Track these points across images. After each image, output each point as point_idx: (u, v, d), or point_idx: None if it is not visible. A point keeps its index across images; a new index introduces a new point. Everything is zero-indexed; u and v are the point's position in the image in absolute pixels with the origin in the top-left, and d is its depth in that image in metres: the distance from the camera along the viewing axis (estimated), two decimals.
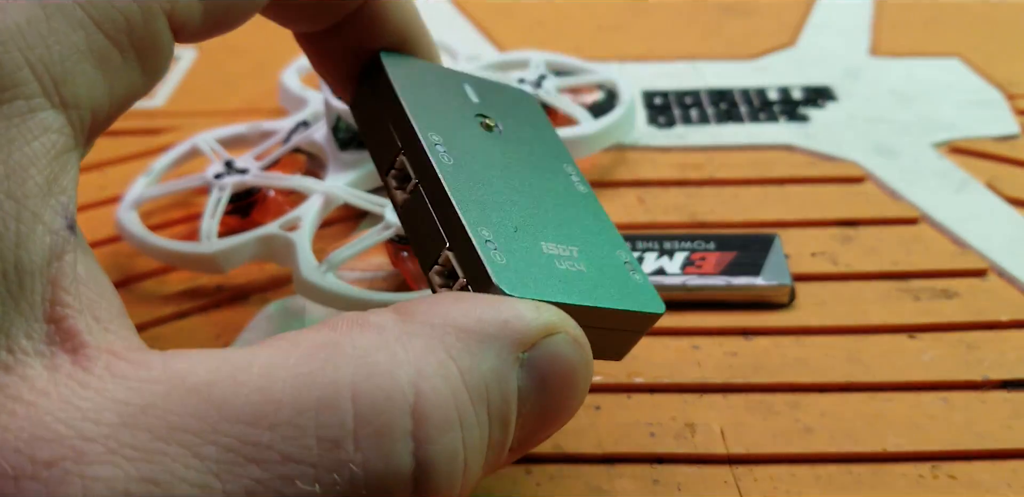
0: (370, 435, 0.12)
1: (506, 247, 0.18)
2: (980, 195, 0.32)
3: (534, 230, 0.19)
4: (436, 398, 0.13)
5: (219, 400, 0.12)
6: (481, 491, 0.22)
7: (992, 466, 0.22)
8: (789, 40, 0.43)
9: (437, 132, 0.19)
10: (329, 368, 0.12)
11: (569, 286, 0.18)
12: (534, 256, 0.18)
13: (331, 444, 0.12)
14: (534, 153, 0.21)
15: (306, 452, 0.12)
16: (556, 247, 0.19)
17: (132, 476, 0.11)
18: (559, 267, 0.18)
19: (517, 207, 0.19)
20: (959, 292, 0.27)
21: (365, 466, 0.12)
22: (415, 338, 0.13)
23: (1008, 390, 0.24)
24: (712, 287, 0.27)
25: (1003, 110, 0.36)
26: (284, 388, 0.12)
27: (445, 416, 0.13)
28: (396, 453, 0.12)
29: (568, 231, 0.20)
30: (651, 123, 0.36)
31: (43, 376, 0.11)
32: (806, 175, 0.33)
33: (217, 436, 0.12)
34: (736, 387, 0.24)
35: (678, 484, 0.22)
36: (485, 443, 0.14)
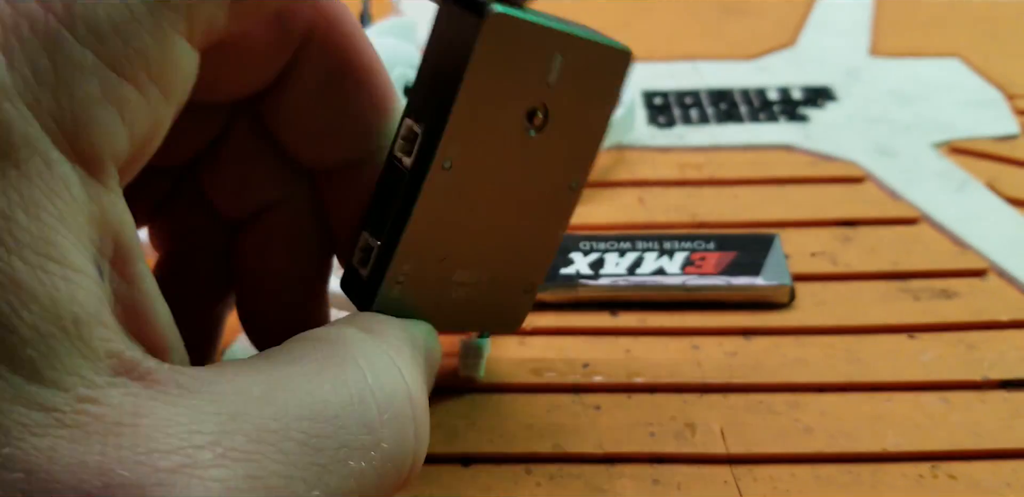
0: (390, 420, 0.15)
1: (413, 279, 0.19)
2: (980, 195, 0.32)
3: (459, 259, 0.20)
4: (418, 389, 0.17)
5: (283, 404, 0.14)
6: (481, 491, 0.22)
7: (992, 466, 0.22)
8: (789, 40, 0.43)
9: (463, 141, 0.18)
10: (349, 371, 0.15)
11: (439, 313, 0.20)
12: (433, 287, 0.19)
13: (367, 429, 0.15)
14: (554, 161, 0.20)
15: (352, 438, 0.15)
16: (467, 274, 0.20)
17: (239, 475, 0.13)
18: (452, 295, 0.20)
19: (467, 233, 0.19)
20: (959, 292, 0.27)
21: (390, 444, 0.15)
22: (390, 348, 0.17)
23: (1008, 390, 0.24)
24: (712, 287, 0.27)
25: (1003, 110, 0.36)
26: (326, 389, 0.15)
27: (424, 404, 0.17)
28: (406, 432, 0.16)
29: (497, 259, 0.20)
30: (651, 123, 0.36)
31: (128, 402, 0.13)
32: (806, 175, 0.33)
33: (292, 432, 0.14)
34: (736, 387, 0.24)
35: (678, 484, 0.22)
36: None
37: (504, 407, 0.24)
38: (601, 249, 0.28)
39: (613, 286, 0.27)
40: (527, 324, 0.26)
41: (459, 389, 0.25)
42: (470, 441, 0.23)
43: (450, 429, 0.23)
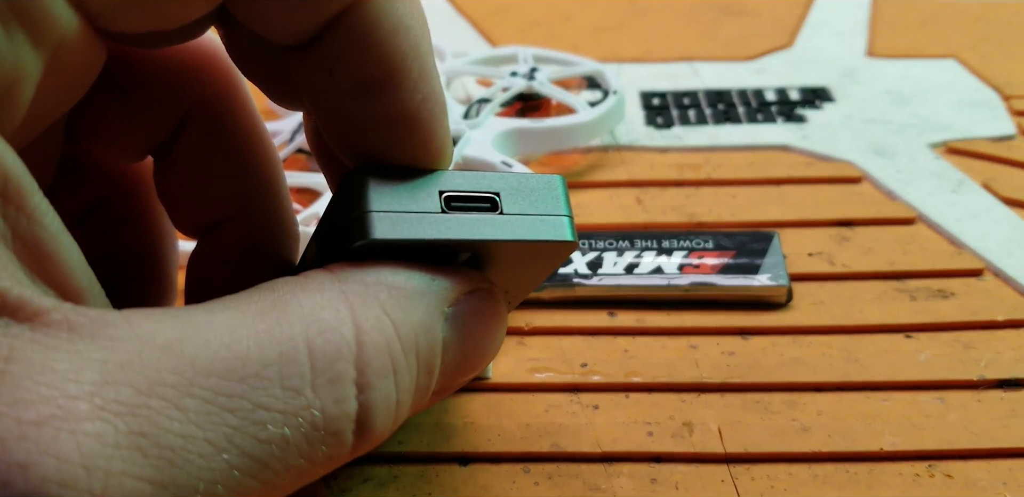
0: (325, 383, 0.14)
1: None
2: (976, 195, 0.32)
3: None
4: (375, 349, 0.14)
5: (191, 356, 0.13)
6: (480, 490, 0.22)
7: (988, 465, 0.22)
8: (786, 41, 0.43)
9: None
10: (284, 325, 0.14)
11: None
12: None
13: (294, 392, 0.13)
14: None
15: (274, 400, 0.13)
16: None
17: (121, 430, 0.12)
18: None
19: None
20: (955, 292, 0.27)
21: (323, 410, 0.14)
22: (353, 296, 0.15)
23: (1004, 389, 0.24)
24: (710, 287, 0.27)
25: (999, 111, 0.37)
26: (248, 345, 0.13)
27: (382, 365, 0.15)
28: (346, 397, 0.14)
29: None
30: (649, 124, 0.37)
31: (3, 345, 0.12)
32: (803, 175, 0.33)
33: (194, 389, 0.12)
34: (733, 386, 0.24)
35: (676, 483, 0.22)
36: (413, 387, 0.15)
37: (502, 406, 0.24)
38: (599, 249, 0.28)
39: (611, 286, 0.27)
40: (525, 324, 0.27)
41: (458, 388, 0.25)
42: (468, 440, 0.23)
43: (448, 428, 0.23)
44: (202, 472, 0.12)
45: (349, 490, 0.22)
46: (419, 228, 0.16)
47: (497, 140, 0.30)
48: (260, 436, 0.13)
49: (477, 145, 0.30)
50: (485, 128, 0.30)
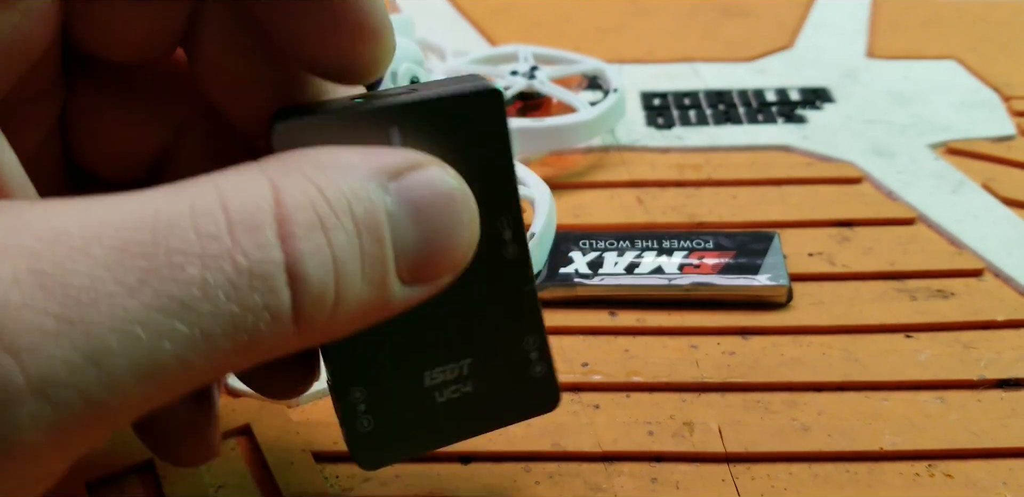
0: (243, 230, 0.13)
1: (376, 402, 0.18)
2: (976, 196, 0.32)
3: (420, 359, 0.18)
4: (295, 204, 0.14)
5: (99, 214, 0.13)
6: (481, 489, 0.22)
7: (988, 465, 0.22)
8: (787, 42, 0.43)
9: None
10: (197, 190, 0.14)
11: (446, 421, 0.18)
12: (410, 398, 0.18)
13: (210, 238, 0.13)
14: None
15: (189, 244, 0.13)
16: (442, 372, 0.18)
17: (20, 268, 0.12)
18: (439, 400, 0.18)
19: (404, 331, 0.18)
20: (955, 292, 0.27)
21: (245, 254, 0.13)
22: (272, 170, 0.14)
23: (1004, 389, 0.24)
24: (710, 287, 0.27)
25: (999, 111, 0.37)
26: (159, 203, 0.13)
27: (306, 218, 0.14)
28: (267, 244, 0.13)
29: (465, 338, 0.18)
30: (650, 124, 0.37)
31: None
32: (803, 176, 0.33)
33: (102, 239, 0.12)
34: (734, 386, 0.25)
35: (676, 482, 0.22)
36: (356, 251, 0.14)
37: None
38: (600, 248, 0.28)
39: (612, 285, 0.27)
40: None
41: None
42: (469, 439, 0.23)
43: None
44: (115, 310, 0.12)
45: (350, 489, 0.22)
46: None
47: None
48: (178, 277, 0.13)
49: None
50: None
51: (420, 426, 0.18)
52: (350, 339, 0.16)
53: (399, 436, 0.18)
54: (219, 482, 0.22)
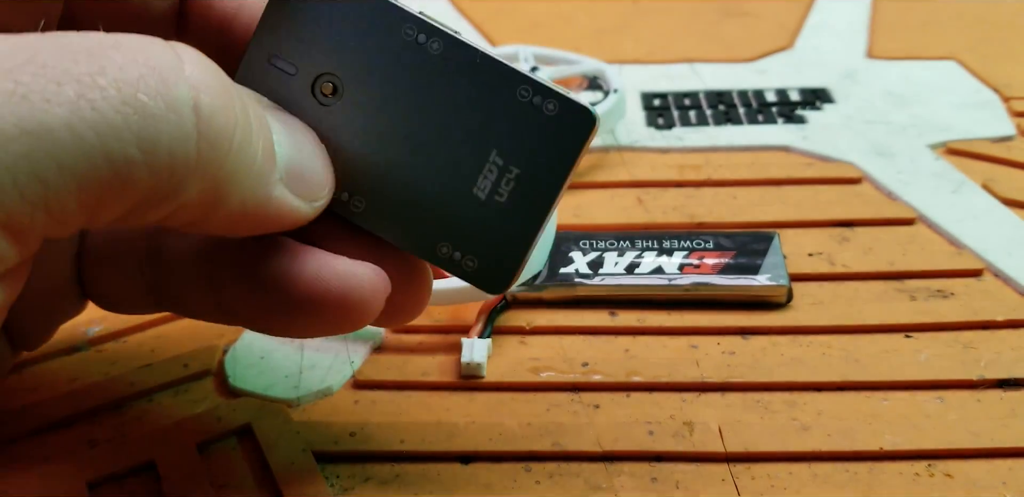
0: (136, 48, 0.15)
1: (462, 242, 0.18)
2: (976, 196, 0.32)
3: (459, 185, 0.18)
4: (199, 58, 0.15)
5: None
6: (481, 489, 0.22)
7: (988, 464, 0.22)
8: (787, 42, 0.43)
9: None
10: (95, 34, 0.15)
11: (525, 207, 0.18)
12: (483, 218, 0.18)
13: (110, 47, 0.14)
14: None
15: (87, 44, 0.14)
16: (484, 178, 0.18)
17: None
18: (502, 200, 0.18)
19: (428, 175, 0.18)
20: (955, 292, 0.28)
21: (150, 65, 0.14)
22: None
23: (1004, 389, 0.24)
24: (710, 287, 0.27)
25: (999, 112, 0.37)
26: (53, 34, 0.14)
27: (210, 77, 0.15)
28: (174, 67, 0.15)
29: (475, 138, 0.18)
30: (650, 125, 0.37)
31: None
32: (803, 176, 0.33)
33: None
34: (734, 386, 0.25)
35: (676, 482, 0.22)
36: (251, 124, 0.16)
37: (503, 406, 0.24)
38: (600, 249, 0.28)
39: (612, 285, 0.27)
40: (527, 323, 0.27)
41: (459, 388, 0.25)
42: (469, 439, 0.23)
43: (450, 427, 0.23)
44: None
45: (351, 489, 0.22)
46: None
47: None
48: (68, 57, 0.14)
49: None
50: None
51: (510, 231, 0.18)
52: (392, 213, 0.18)
53: (502, 251, 0.18)
54: (220, 482, 0.22)
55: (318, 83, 0.18)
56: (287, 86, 0.18)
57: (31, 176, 0.13)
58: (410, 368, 0.25)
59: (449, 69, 0.18)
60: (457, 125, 0.18)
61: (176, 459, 0.23)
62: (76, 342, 0.27)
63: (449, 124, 0.18)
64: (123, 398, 0.25)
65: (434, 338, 0.27)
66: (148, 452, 0.23)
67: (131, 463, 0.23)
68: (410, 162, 0.18)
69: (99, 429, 0.24)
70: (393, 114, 0.18)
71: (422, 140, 0.18)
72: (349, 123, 0.18)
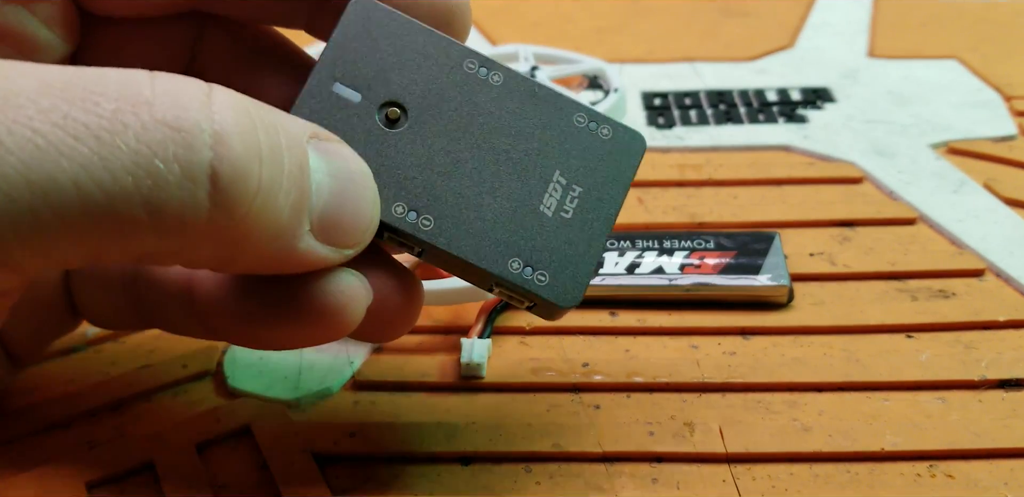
0: (167, 95, 0.14)
1: (532, 257, 0.19)
2: (977, 196, 0.32)
3: (526, 204, 0.19)
4: (227, 102, 0.15)
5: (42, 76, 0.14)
6: (481, 490, 0.22)
7: (989, 465, 0.22)
8: (788, 42, 0.43)
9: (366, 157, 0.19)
10: (131, 71, 0.15)
11: (589, 222, 0.19)
12: (551, 233, 0.19)
13: (133, 90, 0.14)
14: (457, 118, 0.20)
15: (109, 89, 0.14)
16: (550, 196, 0.19)
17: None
18: (568, 216, 0.19)
19: (497, 194, 0.19)
20: (956, 292, 0.27)
21: (165, 110, 0.14)
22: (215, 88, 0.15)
23: (1005, 389, 0.24)
24: (711, 287, 0.27)
25: (1000, 111, 0.37)
26: (87, 73, 0.14)
27: (238, 116, 0.15)
28: (193, 108, 0.14)
29: (537, 160, 0.19)
30: (650, 124, 0.37)
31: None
32: (804, 176, 0.33)
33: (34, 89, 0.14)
34: (735, 386, 0.25)
35: (677, 483, 0.22)
36: (282, 163, 0.15)
37: (504, 406, 0.24)
38: None
39: (612, 286, 0.27)
40: (527, 324, 0.27)
41: (459, 388, 0.25)
42: (469, 440, 0.23)
43: (450, 428, 0.23)
44: (17, 115, 0.13)
45: (350, 490, 0.22)
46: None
47: None
48: (89, 108, 0.14)
49: None
50: None
51: (577, 244, 0.19)
52: (463, 231, 0.19)
53: (572, 264, 0.19)
54: (219, 482, 0.22)
55: (383, 110, 0.19)
56: (350, 114, 0.19)
57: (32, 227, 0.13)
58: (410, 369, 0.25)
59: (511, 98, 0.19)
60: (521, 148, 0.19)
61: (175, 460, 0.23)
62: (75, 343, 0.27)
63: (513, 147, 0.19)
64: (122, 399, 0.25)
65: (434, 338, 0.26)
66: (147, 453, 0.23)
67: (130, 464, 0.23)
68: (478, 183, 0.19)
69: (98, 430, 0.24)
70: (460, 138, 0.19)
71: (489, 163, 0.19)
72: (416, 147, 0.19)
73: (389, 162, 0.19)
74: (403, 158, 0.19)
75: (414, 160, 0.19)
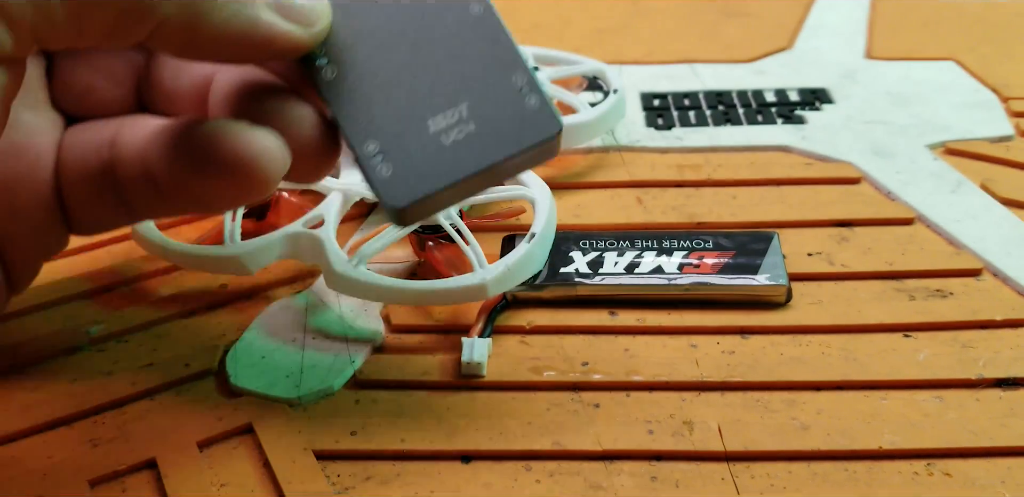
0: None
1: (391, 151, 0.20)
2: (975, 196, 0.32)
3: (420, 109, 0.20)
4: None
5: None
6: (481, 488, 0.22)
7: (987, 464, 0.22)
8: (786, 43, 0.43)
9: None
10: None
11: (459, 158, 0.20)
12: (420, 143, 0.20)
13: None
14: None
15: None
16: (443, 117, 0.20)
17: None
18: (446, 142, 0.20)
19: (402, 85, 0.20)
20: (954, 292, 0.28)
21: None
22: None
23: (1002, 388, 0.24)
24: (710, 286, 0.27)
25: (998, 112, 0.37)
26: None
27: None
28: None
29: (457, 85, 0.20)
30: (650, 125, 0.37)
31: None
32: (803, 176, 0.33)
33: None
34: (733, 385, 0.25)
35: (676, 481, 0.22)
36: None
37: (504, 405, 0.24)
38: (600, 248, 0.28)
39: (612, 285, 0.27)
40: (527, 323, 0.27)
41: (459, 387, 0.25)
42: (470, 438, 0.23)
43: (450, 426, 0.23)
44: None
45: (352, 488, 0.22)
46: None
47: None
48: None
49: None
50: None
51: (435, 165, 0.20)
52: (353, 96, 0.20)
53: (417, 175, 0.20)
54: (221, 480, 0.22)
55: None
56: None
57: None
58: (411, 367, 0.25)
59: (475, 29, 0.21)
60: (452, 69, 0.20)
61: (177, 458, 0.23)
62: (77, 342, 0.27)
63: (446, 65, 0.20)
64: (124, 397, 0.25)
65: (434, 338, 0.27)
66: (149, 451, 0.23)
67: (132, 462, 0.23)
68: (394, 73, 0.20)
69: (100, 428, 0.24)
70: (408, 26, 0.20)
71: (417, 63, 0.20)
72: (371, 19, 0.20)
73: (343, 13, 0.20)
74: (353, 20, 0.20)
75: (361, 25, 0.20)
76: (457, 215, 0.27)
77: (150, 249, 0.28)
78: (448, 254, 0.28)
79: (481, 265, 0.25)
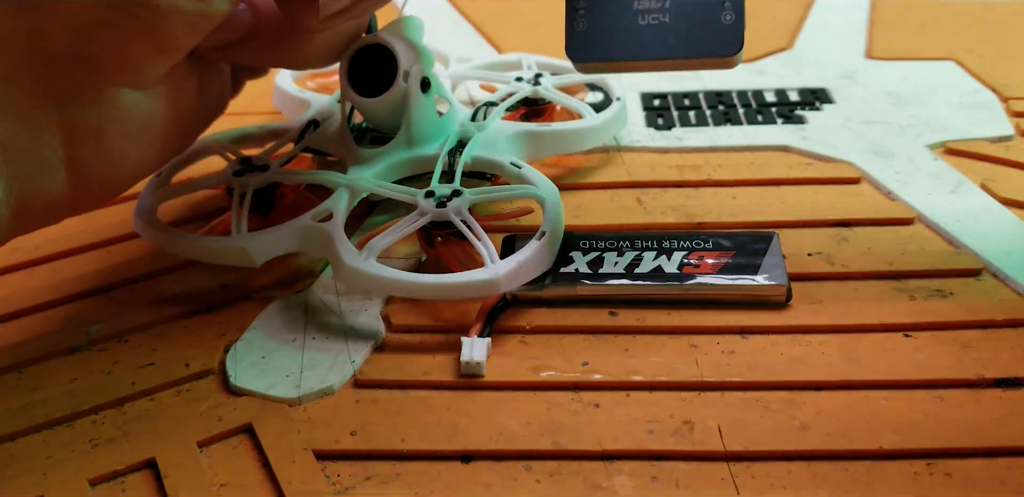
0: None
1: (594, 10, 0.23)
2: (975, 196, 0.32)
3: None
4: None
5: None
6: (481, 488, 0.22)
7: (987, 463, 0.22)
8: (786, 43, 0.43)
9: None
10: None
11: (644, 41, 0.22)
12: (620, 13, 0.23)
13: None
14: None
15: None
16: (649, 0, 0.23)
17: None
18: (641, 22, 0.23)
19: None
20: (954, 292, 0.28)
21: None
22: None
23: (1002, 388, 0.24)
24: (710, 286, 0.27)
25: (997, 112, 0.37)
26: None
27: None
28: None
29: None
30: (650, 125, 0.37)
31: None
32: (803, 176, 0.33)
33: None
34: (733, 385, 0.25)
35: (676, 481, 0.22)
36: None
37: (504, 405, 0.24)
38: (600, 248, 0.28)
39: (612, 285, 0.27)
40: (527, 323, 0.27)
41: (460, 387, 0.25)
42: (470, 438, 0.23)
43: (451, 426, 0.23)
44: None
45: (352, 487, 0.22)
46: None
47: (506, 142, 0.31)
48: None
49: (485, 146, 0.30)
50: (493, 130, 0.31)
51: (622, 38, 0.23)
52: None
53: (605, 41, 0.23)
54: (221, 480, 0.22)
55: None
56: None
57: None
58: (411, 367, 0.25)
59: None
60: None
61: (177, 458, 0.23)
62: (77, 341, 0.27)
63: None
64: (124, 397, 0.25)
65: (434, 337, 0.27)
66: (149, 451, 0.23)
67: (132, 462, 0.23)
68: None
69: (100, 428, 0.24)
70: None
71: None
72: None
73: None
74: None
75: None
76: (467, 211, 0.27)
77: (155, 240, 0.28)
78: (457, 250, 0.28)
79: (492, 261, 0.26)
